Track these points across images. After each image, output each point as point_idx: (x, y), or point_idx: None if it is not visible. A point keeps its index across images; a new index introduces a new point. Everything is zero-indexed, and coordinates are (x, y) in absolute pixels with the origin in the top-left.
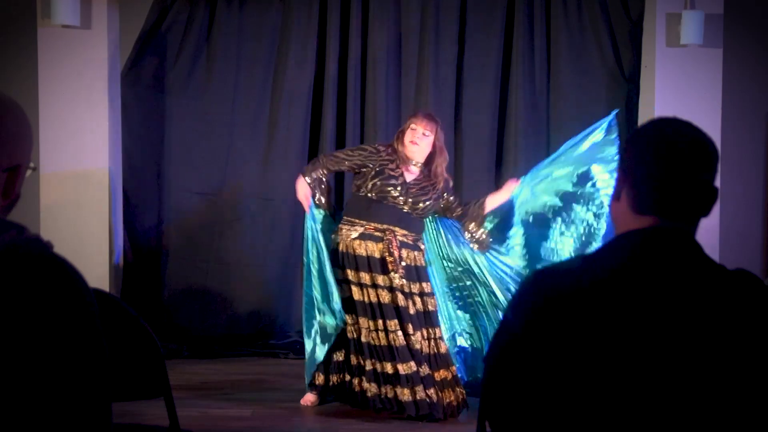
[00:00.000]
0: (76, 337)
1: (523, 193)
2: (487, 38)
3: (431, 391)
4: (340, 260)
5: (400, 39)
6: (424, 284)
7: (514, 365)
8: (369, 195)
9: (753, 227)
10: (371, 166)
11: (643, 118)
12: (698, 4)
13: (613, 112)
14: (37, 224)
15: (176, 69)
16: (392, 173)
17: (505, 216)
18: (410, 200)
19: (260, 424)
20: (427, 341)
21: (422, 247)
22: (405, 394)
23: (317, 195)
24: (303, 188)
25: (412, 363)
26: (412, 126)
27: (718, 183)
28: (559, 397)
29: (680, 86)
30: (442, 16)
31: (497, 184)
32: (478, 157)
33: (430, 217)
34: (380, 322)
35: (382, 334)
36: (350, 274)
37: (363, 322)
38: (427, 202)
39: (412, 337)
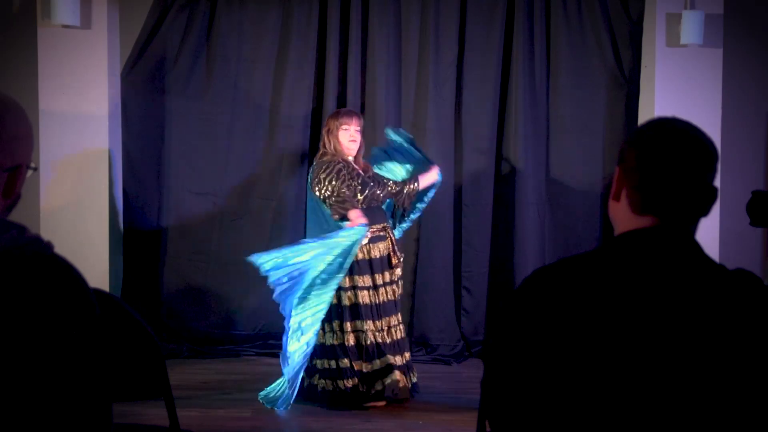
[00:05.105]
0: (77, 337)
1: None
2: (487, 38)
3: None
4: (356, 268)
5: (400, 39)
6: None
7: (514, 364)
8: (362, 205)
9: (753, 227)
10: (361, 179)
11: (643, 118)
12: (698, 4)
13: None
14: (37, 224)
15: (176, 69)
16: (362, 177)
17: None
18: (378, 191)
19: (260, 424)
20: (394, 327)
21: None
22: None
23: None
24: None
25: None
26: (344, 126)
27: (718, 183)
28: (558, 396)
29: (680, 86)
30: (442, 16)
31: (497, 184)
32: (478, 157)
33: None
34: (388, 319)
35: (394, 330)
36: (361, 280)
37: (370, 324)
38: (385, 185)
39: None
